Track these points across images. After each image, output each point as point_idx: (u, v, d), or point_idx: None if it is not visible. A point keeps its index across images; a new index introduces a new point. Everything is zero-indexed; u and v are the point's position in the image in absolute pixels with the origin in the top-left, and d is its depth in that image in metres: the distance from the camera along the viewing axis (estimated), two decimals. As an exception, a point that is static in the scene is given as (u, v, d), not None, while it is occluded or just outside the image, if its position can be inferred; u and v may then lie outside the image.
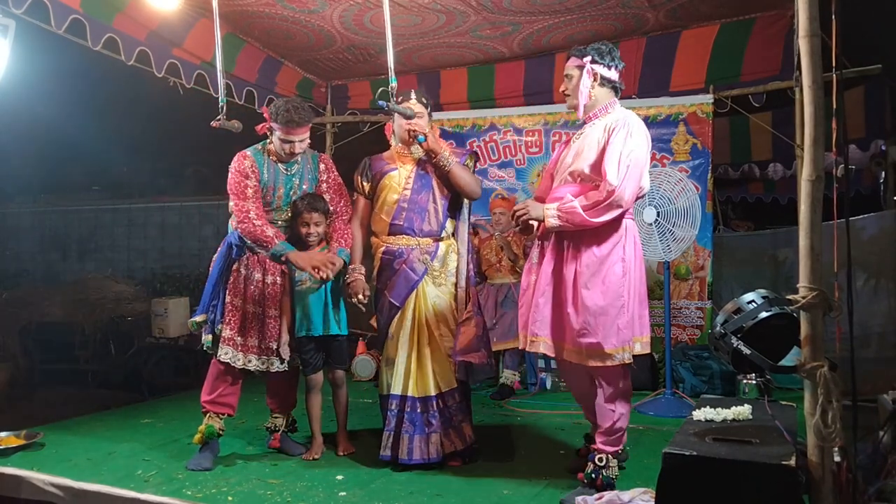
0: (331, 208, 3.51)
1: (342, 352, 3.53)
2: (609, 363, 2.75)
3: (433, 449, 3.22)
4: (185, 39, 4.63)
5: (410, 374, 3.27)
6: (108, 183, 9.03)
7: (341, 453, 3.47)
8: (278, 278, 3.44)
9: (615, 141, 2.77)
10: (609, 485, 2.80)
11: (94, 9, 3.99)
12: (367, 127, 6.08)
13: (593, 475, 2.83)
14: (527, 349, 2.94)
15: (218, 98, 3.44)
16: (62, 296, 6.62)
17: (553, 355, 2.91)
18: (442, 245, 3.39)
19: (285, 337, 3.41)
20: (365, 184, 3.46)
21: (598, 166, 2.81)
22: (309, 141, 3.47)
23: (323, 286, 3.38)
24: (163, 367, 6.01)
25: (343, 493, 2.94)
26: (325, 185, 3.57)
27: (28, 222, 9.49)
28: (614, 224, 2.80)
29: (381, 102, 3.03)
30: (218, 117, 3.40)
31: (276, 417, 3.63)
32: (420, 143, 3.29)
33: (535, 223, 2.92)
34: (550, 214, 2.79)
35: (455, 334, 3.31)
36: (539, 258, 2.98)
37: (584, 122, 2.99)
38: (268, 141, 3.46)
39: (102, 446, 3.60)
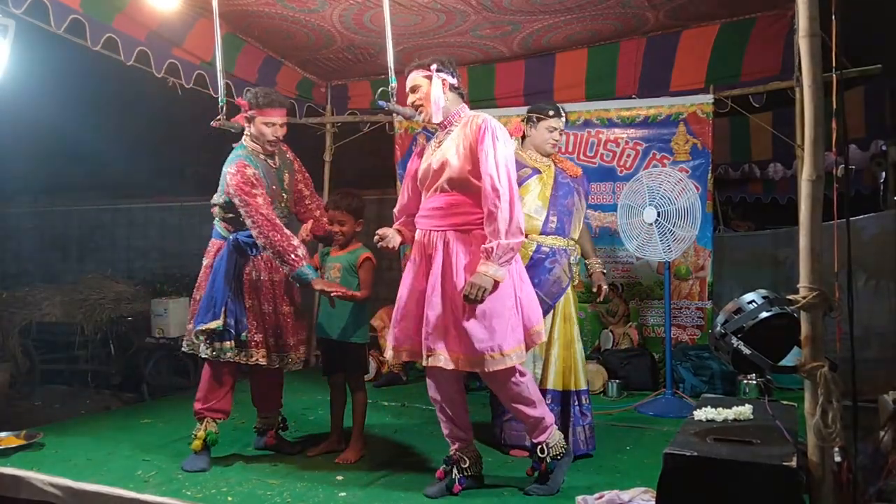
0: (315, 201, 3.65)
1: (350, 359, 3.55)
2: (509, 364, 2.75)
3: (591, 440, 3.49)
4: (184, 39, 4.63)
5: (569, 370, 3.46)
6: (108, 183, 8.98)
7: (337, 460, 3.39)
8: (283, 277, 3.41)
9: (486, 148, 2.75)
10: (554, 467, 2.92)
11: (93, 9, 3.99)
12: (368, 127, 6.08)
13: (540, 466, 2.95)
14: (427, 364, 2.80)
15: (218, 98, 3.45)
16: (62, 296, 6.58)
17: (451, 367, 2.77)
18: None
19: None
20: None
21: (468, 170, 2.79)
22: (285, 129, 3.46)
23: None
24: (163, 367, 6.00)
25: (343, 494, 2.94)
26: (303, 175, 3.64)
27: (28, 222, 9.45)
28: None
29: (381, 102, 3.03)
30: (218, 117, 3.40)
31: (265, 418, 3.61)
32: None
33: (392, 236, 2.98)
34: (494, 272, 2.68)
35: None
36: (422, 268, 2.89)
37: (439, 130, 2.98)
38: (244, 137, 3.38)
39: (102, 446, 3.60)
